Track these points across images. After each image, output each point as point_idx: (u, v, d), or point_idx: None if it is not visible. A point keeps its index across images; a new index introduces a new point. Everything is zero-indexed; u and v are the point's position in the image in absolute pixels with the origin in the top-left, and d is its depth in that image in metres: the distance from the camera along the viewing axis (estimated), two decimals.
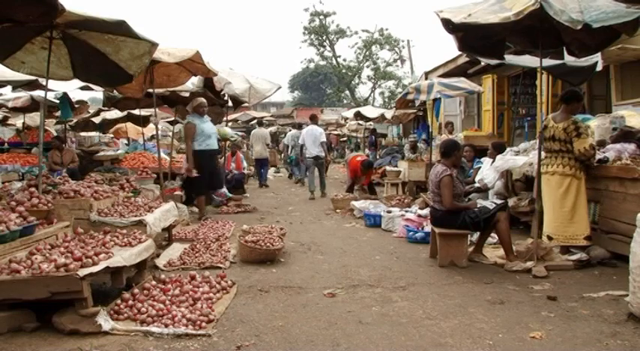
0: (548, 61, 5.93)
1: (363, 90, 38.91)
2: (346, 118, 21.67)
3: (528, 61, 6.88)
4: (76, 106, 10.94)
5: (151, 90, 7.29)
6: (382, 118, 17.25)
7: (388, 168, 11.35)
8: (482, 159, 7.50)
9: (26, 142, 11.84)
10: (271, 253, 4.97)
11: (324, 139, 10.92)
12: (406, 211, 7.01)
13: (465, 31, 4.73)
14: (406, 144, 12.42)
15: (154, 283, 3.87)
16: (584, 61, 6.49)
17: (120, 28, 4.77)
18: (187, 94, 9.42)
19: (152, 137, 15.66)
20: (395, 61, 35.75)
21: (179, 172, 9.99)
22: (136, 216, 4.79)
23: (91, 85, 7.89)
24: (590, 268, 4.69)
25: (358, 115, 17.84)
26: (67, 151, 9.97)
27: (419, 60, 44.42)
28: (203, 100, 7.74)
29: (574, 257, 4.81)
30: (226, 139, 13.84)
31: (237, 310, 3.59)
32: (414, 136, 12.68)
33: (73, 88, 8.80)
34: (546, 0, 3.99)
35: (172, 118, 12.62)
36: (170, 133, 13.74)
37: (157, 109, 8.28)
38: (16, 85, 8.41)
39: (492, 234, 5.25)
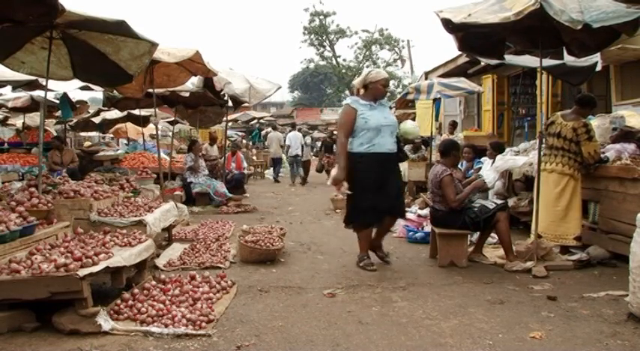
0: (548, 61, 5.92)
1: None
2: None
3: (528, 61, 6.87)
4: (77, 106, 10.95)
5: (150, 90, 7.29)
6: None
7: None
8: (482, 159, 7.50)
9: (26, 142, 11.84)
10: (271, 253, 4.97)
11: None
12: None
13: (465, 31, 4.74)
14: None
15: (153, 283, 3.87)
16: (584, 61, 6.48)
17: (120, 28, 4.76)
18: (187, 94, 9.43)
19: (152, 137, 15.65)
20: (395, 61, 35.76)
21: (179, 172, 10.00)
22: (135, 216, 4.79)
23: (91, 85, 7.88)
24: (590, 268, 4.69)
25: None
26: (67, 151, 9.97)
27: (419, 60, 44.39)
28: (381, 73, 4.89)
29: (574, 257, 4.81)
30: (409, 141, 9.91)
31: (237, 310, 3.59)
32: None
33: (73, 88, 8.78)
34: (546, 0, 3.99)
35: (172, 118, 12.63)
36: (170, 133, 13.73)
37: (156, 109, 8.29)
38: (16, 85, 8.40)
39: (492, 234, 5.24)
